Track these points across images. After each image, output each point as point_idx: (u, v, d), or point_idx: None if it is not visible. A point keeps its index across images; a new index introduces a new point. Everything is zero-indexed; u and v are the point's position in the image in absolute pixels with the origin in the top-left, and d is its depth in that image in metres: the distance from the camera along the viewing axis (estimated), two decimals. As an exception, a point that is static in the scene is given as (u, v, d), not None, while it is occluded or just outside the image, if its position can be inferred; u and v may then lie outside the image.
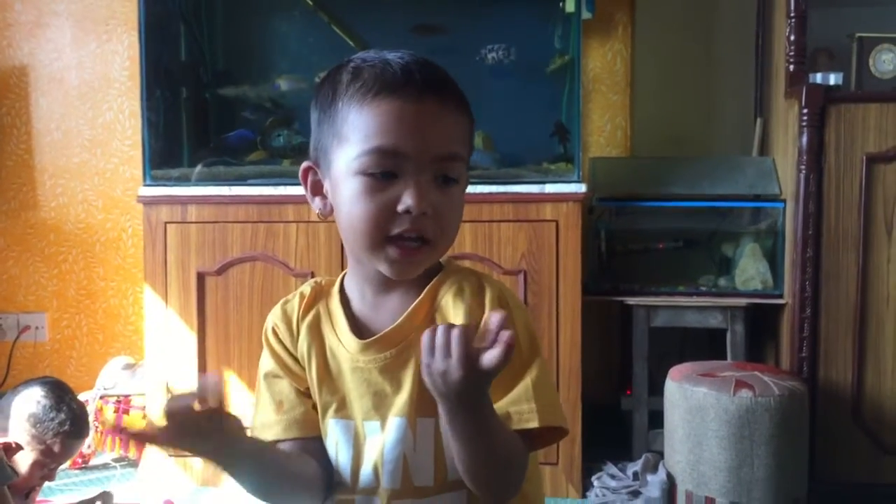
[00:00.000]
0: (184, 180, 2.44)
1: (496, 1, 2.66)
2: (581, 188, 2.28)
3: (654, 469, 2.27)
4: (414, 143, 0.87)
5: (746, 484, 2.03)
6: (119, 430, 0.85)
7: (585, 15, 2.48)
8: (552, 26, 2.59)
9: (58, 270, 3.05)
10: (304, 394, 0.97)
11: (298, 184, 2.46)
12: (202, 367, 2.40)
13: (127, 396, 2.60)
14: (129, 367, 2.74)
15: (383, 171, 0.87)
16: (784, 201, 2.40)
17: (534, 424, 0.87)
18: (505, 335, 0.74)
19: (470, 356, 0.75)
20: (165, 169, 2.48)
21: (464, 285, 0.94)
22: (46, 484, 2.02)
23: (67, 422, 1.89)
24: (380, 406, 0.92)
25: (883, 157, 2.22)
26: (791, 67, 2.36)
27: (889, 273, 2.24)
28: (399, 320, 0.93)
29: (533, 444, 0.89)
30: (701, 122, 2.84)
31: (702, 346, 2.62)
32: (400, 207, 0.87)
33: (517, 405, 0.88)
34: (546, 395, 0.89)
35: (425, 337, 0.78)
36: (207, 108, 2.72)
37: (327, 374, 0.95)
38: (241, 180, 2.41)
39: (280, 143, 2.50)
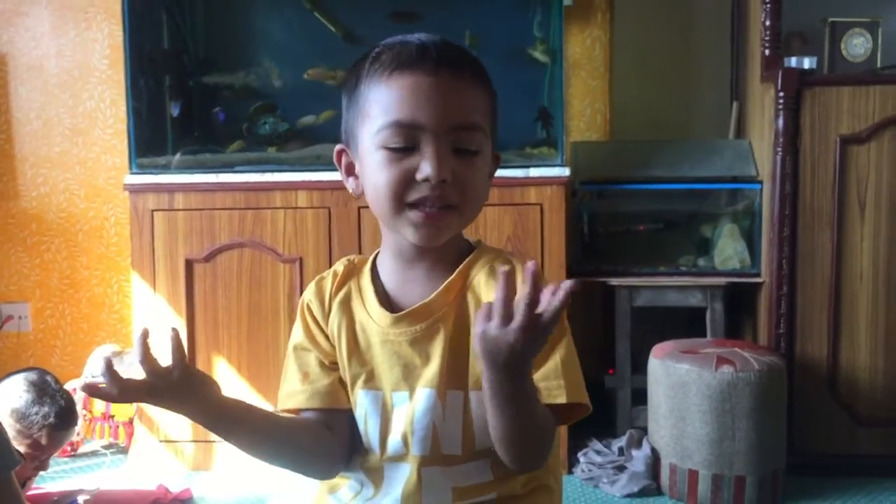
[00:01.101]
0: (170, 168, 2.45)
1: (477, -13, 2.69)
2: (565, 172, 2.33)
3: (639, 444, 2.33)
4: (430, 113, 0.90)
5: (728, 456, 2.10)
6: (85, 388, 0.90)
7: (566, 1, 2.52)
8: (533, 13, 2.62)
9: (40, 260, 3.04)
10: (331, 367, 1.00)
11: (285, 170, 2.48)
12: (191, 354, 2.42)
13: (115, 384, 2.61)
14: (116, 354, 2.75)
15: (403, 145, 0.91)
16: (761, 182, 2.47)
17: (562, 400, 0.91)
18: (567, 283, 0.76)
19: (531, 321, 0.77)
20: (151, 157, 2.49)
21: (496, 265, 0.97)
22: (40, 473, 2.04)
23: (52, 414, 1.89)
24: (408, 377, 0.96)
25: (856, 138, 2.29)
26: (767, 52, 2.42)
27: (862, 251, 2.31)
28: (432, 295, 0.96)
29: (558, 419, 0.93)
30: (678, 106, 2.90)
31: (680, 324, 2.69)
32: (419, 176, 0.90)
33: (547, 381, 0.91)
34: (573, 373, 0.93)
35: (484, 305, 0.80)
36: (191, 95, 2.72)
37: (356, 348, 0.99)
38: (227, 167, 2.43)
39: (266, 131, 2.52)
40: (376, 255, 1.04)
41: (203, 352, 2.43)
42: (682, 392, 2.13)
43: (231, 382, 2.41)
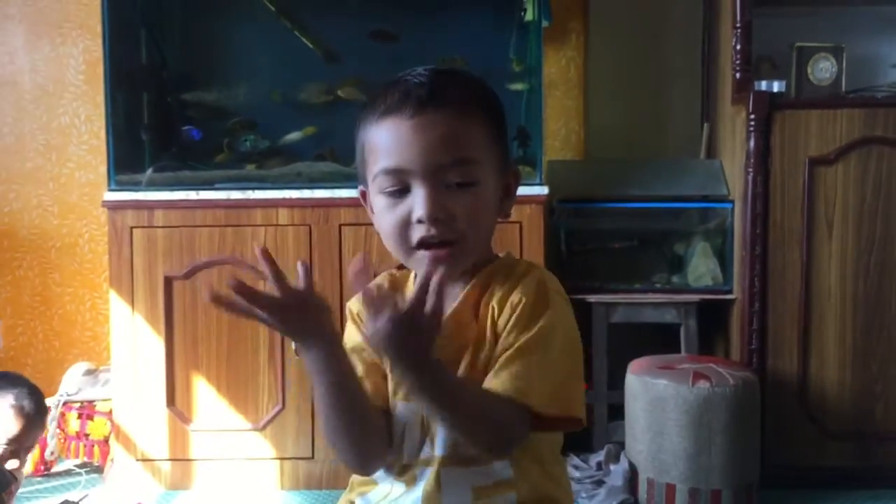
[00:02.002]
0: (150, 185, 2.45)
1: (454, 9, 2.73)
2: (544, 191, 2.37)
3: (616, 459, 2.37)
4: (412, 158, 0.94)
5: (705, 470, 2.14)
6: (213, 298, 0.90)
7: (543, 23, 2.57)
8: (510, 34, 2.67)
9: (12, 277, 3.01)
10: (376, 368, 1.03)
11: (267, 188, 2.49)
12: (170, 372, 2.41)
13: (91, 402, 2.59)
14: (90, 372, 2.72)
15: (396, 188, 0.96)
16: (732, 202, 2.54)
17: (528, 403, 0.93)
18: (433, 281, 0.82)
19: (400, 315, 0.82)
20: (129, 174, 2.48)
21: (511, 273, 1.01)
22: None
23: (24, 395, 1.88)
24: None
25: (824, 160, 2.36)
26: (738, 75, 2.49)
27: (830, 268, 2.38)
28: (454, 306, 1.00)
29: (536, 423, 0.94)
30: (651, 127, 2.96)
31: (654, 340, 2.74)
32: (413, 217, 0.95)
33: (515, 381, 0.93)
34: (548, 382, 0.94)
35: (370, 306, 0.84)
36: (171, 112, 2.72)
37: None
38: (208, 184, 2.43)
39: (247, 148, 2.53)
40: (415, 274, 1.06)
41: (182, 370, 2.42)
42: (660, 407, 2.17)
43: (210, 401, 2.41)
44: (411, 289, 1.04)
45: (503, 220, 1.05)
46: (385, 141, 0.96)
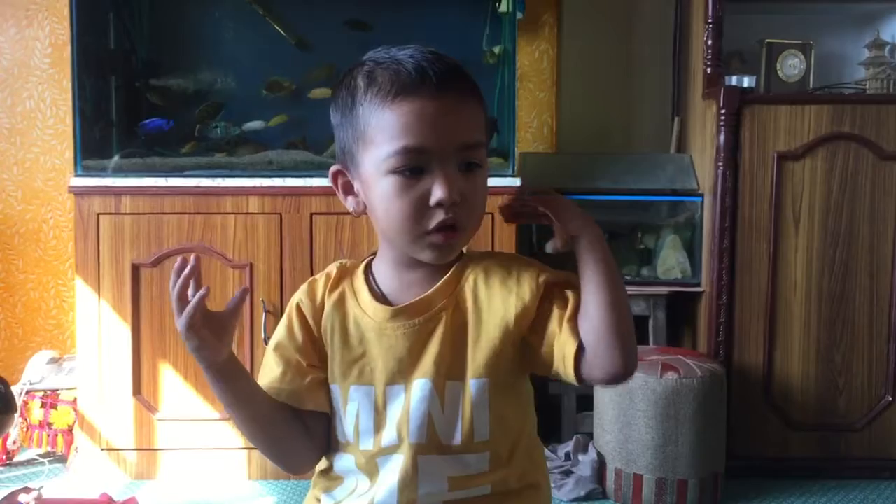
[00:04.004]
0: (117, 171, 2.41)
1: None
2: (516, 182, 2.38)
3: (585, 449, 2.38)
4: (437, 138, 0.93)
5: (672, 461, 2.17)
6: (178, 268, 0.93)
7: (517, 15, 2.57)
8: (483, 25, 2.67)
9: (-27, 263, 2.95)
10: (309, 369, 1.02)
11: (237, 175, 2.47)
12: (136, 361, 2.38)
13: (54, 391, 2.55)
14: (53, 361, 2.68)
15: (412, 168, 0.93)
16: (702, 195, 2.56)
17: None
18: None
19: None
20: (97, 159, 2.44)
21: (492, 257, 1.03)
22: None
23: None
24: (404, 371, 0.98)
25: (792, 155, 2.39)
26: (708, 70, 2.51)
27: (797, 261, 2.42)
28: (431, 290, 0.99)
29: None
30: (622, 120, 2.98)
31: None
32: (432, 201, 0.93)
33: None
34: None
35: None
36: (139, 97, 2.68)
37: (348, 345, 1.01)
38: (177, 171, 2.40)
39: (218, 135, 2.50)
40: (370, 260, 1.06)
41: (148, 359, 2.39)
42: (629, 398, 2.19)
43: (177, 390, 2.38)
44: (361, 276, 1.04)
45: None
46: (405, 121, 0.92)
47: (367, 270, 1.05)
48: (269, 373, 1.02)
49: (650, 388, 2.16)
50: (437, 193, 0.93)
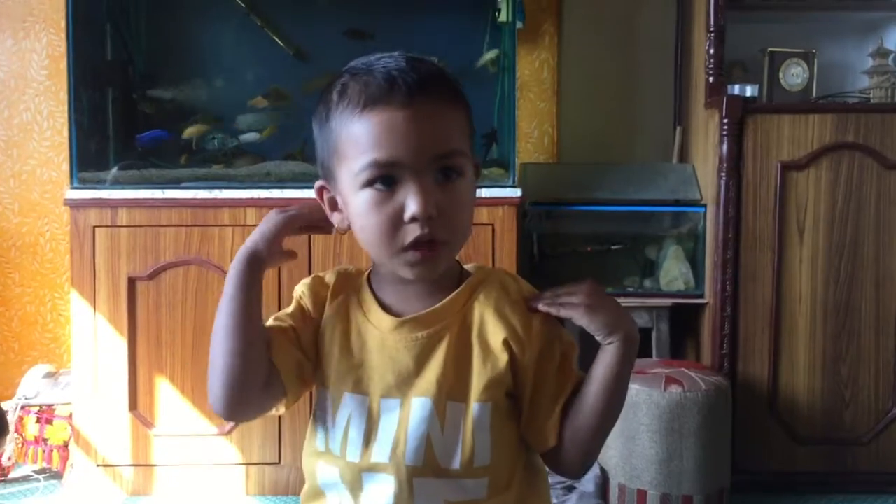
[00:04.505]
0: (114, 183, 2.38)
1: (429, 9, 2.70)
2: (516, 193, 2.35)
3: (587, 464, 2.34)
4: (409, 148, 0.89)
5: (676, 476, 2.13)
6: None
7: (517, 24, 2.55)
8: (483, 35, 2.65)
9: (-31, 276, 2.92)
10: (299, 344, 0.98)
11: (234, 187, 2.45)
12: (132, 375, 2.35)
13: (50, 406, 2.52)
14: (49, 375, 2.65)
15: (385, 182, 0.89)
16: (705, 206, 2.53)
17: None
18: None
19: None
20: (93, 171, 2.42)
21: (504, 281, 0.99)
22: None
23: None
24: (401, 385, 0.94)
25: (795, 165, 2.36)
26: (711, 79, 2.49)
27: (801, 273, 2.39)
28: (437, 305, 0.96)
29: None
30: (624, 130, 2.95)
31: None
32: (406, 216, 0.89)
33: None
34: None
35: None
36: (135, 109, 2.65)
37: (348, 352, 0.97)
38: (174, 183, 2.37)
39: (214, 146, 2.47)
40: (369, 272, 1.02)
41: (145, 373, 2.36)
42: (632, 412, 2.16)
43: (174, 405, 2.35)
44: (366, 286, 1.00)
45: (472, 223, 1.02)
46: (374, 132, 0.89)
47: (369, 280, 1.02)
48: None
49: (654, 402, 2.13)
50: (411, 208, 0.88)
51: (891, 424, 2.40)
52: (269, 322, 1.00)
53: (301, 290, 1.02)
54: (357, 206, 0.92)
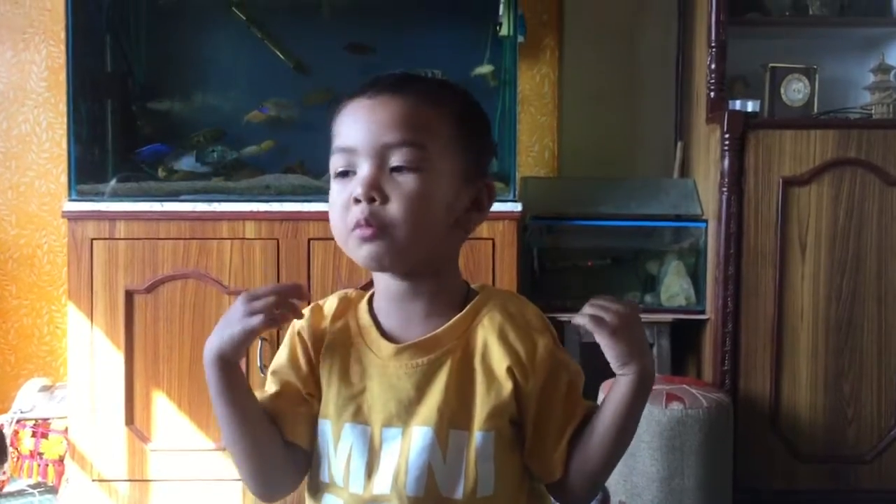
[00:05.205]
0: (113, 196, 2.37)
1: (430, 23, 2.70)
2: (517, 207, 2.34)
3: (588, 481, 2.32)
4: (360, 134, 0.91)
5: (677, 494, 2.11)
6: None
7: (518, 39, 2.55)
8: (484, 49, 2.64)
9: (-34, 288, 2.90)
10: (305, 398, 0.98)
11: (234, 200, 2.43)
12: (129, 389, 2.33)
13: (46, 420, 2.49)
14: (45, 388, 2.63)
15: (344, 169, 0.92)
16: (706, 221, 2.52)
17: None
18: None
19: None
20: (92, 184, 2.40)
21: (508, 305, 0.97)
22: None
23: None
24: (402, 413, 0.93)
25: (797, 180, 2.36)
26: (712, 94, 2.48)
27: (803, 289, 2.37)
28: (441, 329, 0.94)
29: None
30: (624, 145, 2.95)
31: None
32: (352, 197, 0.91)
33: None
34: None
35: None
36: (135, 121, 2.64)
37: (348, 381, 0.96)
38: (172, 196, 2.36)
39: (214, 159, 2.46)
40: (371, 295, 1.01)
41: (142, 387, 2.33)
42: (633, 429, 2.13)
43: (171, 419, 2.33)
44: (365, 310, 0.99)
45: (472, 237, 1.01)
46: (342, 122, 0.94)
47: (369, 306, 1.00)
48: (264, 393, 0.99)
49: (655, 419, 2.11)
50: (355, 189, 0.90)
51: (894, 442, 2.38)
52: (269, 384, 0.99)
53: (300, 324, 1.00)
54: (329, 198, 0.95)
